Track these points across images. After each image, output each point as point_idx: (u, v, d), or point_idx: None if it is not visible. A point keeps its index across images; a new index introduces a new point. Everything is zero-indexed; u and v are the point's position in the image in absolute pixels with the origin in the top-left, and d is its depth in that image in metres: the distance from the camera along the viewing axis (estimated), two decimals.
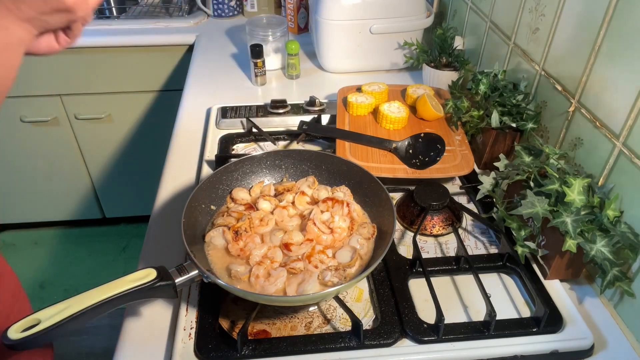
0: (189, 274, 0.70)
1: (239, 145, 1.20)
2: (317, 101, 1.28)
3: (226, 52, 1.69)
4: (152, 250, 0.91)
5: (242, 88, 1.47)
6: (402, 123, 1.14)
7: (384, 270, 0.83)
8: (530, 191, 0.81)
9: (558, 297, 0.80)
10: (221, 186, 0.90)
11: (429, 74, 1.36)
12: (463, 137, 1.11)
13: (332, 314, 0.79)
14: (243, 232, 0.81)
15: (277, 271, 0.76)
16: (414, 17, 1.44)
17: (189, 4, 1.98)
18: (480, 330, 0.75)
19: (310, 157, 0.96)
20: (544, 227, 0.80)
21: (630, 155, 0.76)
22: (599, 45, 0.82)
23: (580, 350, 0.74)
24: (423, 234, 0.94)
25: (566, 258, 0.80)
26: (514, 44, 1.12)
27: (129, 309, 0.79)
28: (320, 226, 0.82)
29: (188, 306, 0.79)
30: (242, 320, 0.77)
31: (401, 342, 0.74)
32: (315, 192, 0.90)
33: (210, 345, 0.72)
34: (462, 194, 1.05)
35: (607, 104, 0.81)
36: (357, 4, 1.40)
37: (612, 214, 0.76)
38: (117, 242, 2.44)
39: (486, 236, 0.95)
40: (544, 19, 0.99)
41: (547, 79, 0.99)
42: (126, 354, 0.74)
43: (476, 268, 0.83)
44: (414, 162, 1.04)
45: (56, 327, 0.59)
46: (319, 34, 1.46)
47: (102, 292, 0.64)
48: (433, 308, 0.75)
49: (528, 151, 0.90)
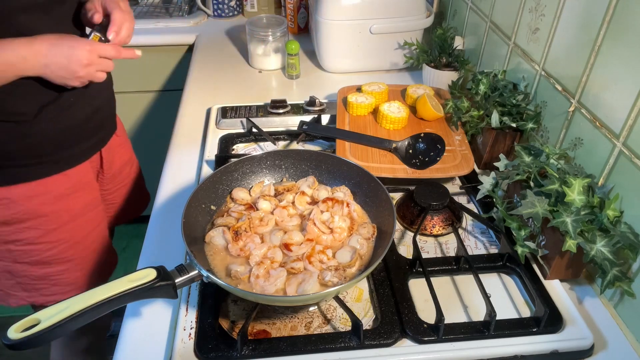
0: (189, 274, 0.70)
1: (239, 145, 1.20)
2: (317, 101, 1.28)
3: (226, 52, 1.69)
4: (152, 250, 0.91)
5: (243, 88, 1.47)
6: (402, 123, 1.14)
7: (384, 270, 0.83)
8: (530, 191, 0.81)
9: (558, 297, 0.80)
10: (221, 186, 0.90)
11: (429, 74, 1.36)
12: (463, 137, 1.11)
13: (332, 314, 0.79)
14: (243, 232, 0.81)
15: (277, 271, 0.76)
16: (414, 17, 1.44)
17: (189, 4, 1.98)
18: (480, 330, 0.75)
19: (310, 157, 0.95)
20: (544, 227, 0.80)
21: (630, 155, 0.76)
22: (599, 45, 0.82)
23: (580, 350, 0.74)
24: (423, 234, 0.94)
25: (566, 258, 0.80)
26: (514, 44, 1.12)
27: (129, 309, 0.79)
28: (320, 226, 0.82)
29: (188, 306, 0.79)
30: (242, 320, 0.77)
31: (401, 342, 0.74)
32: (315, 192, 0.90)
33: (210, 345, 0.72)
34: (462, 194, 1.05)
35: (607, 104, 0.81)
36: (357, 4, 1.40)
37: (612, 214, 0.76)
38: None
39: (486, 236, 0.95)
40: (544, 19, 0.99)
41: (547, 79, 0.99)
42: (126, 354, 0.74)
43: (476, 268, 0.83)
44: (414, 162, 1.04)
45: (56, 327, 0.60)
46: (319, 34, 1.46)
47: (102, 292, 0.64)
48: (433, 308, 0.75)
49: (528, 151, 0.90)
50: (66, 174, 1.02)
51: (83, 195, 1.08)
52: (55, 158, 0.99)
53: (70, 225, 1.06)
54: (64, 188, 1.03)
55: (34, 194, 0.98)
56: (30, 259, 1.04)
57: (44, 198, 1.00)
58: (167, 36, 1.82)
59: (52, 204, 1.01)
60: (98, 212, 1.14)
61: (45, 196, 1.00)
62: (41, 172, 0.98)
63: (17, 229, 1.00)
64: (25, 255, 1.04)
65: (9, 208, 0.97)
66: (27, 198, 0.98)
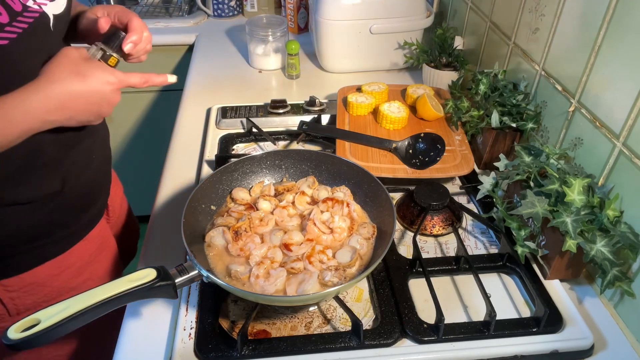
0: (189, 274, 0.70)
1: (239, 145, 1.20)
2: (317, 101, 1.28)
3: (226, 52, 1.69)
4: (152, 250, 0.91)
5: (243, 88, 1.47)
6: (402, 123, 1.14)
7: (384, 270, 0.83)
8: (530, 191, 0.81)
9: (558, 297, 0.80)
10: (221, 186, 0.90)
11: (429, 74, 1.36)
12: (463, 137, 1.11)
13: (332, 314, 0.79)
14: (243, 232, 0.81)
15: (277, 271, 0.76)
16: (414, 17, 1.44)
17: (189, 4, 1.98)
18: (480, 330, 0.75)
19: (310, 157, 0.95)
20: (544, 227, 0.80)
21: (630, 155, 0.76)
22: (599, 45, 0.82)
23: (580, 350, 0.74)
24: (423, 234, 0.94)
25: (566, 258, 0.80)
26: (514, 44, 1.12)
27: (129, 309, 0.79)
28: (320, 226, 0.82)
29: (188, 306, 0.79)
30: (242, 320, 0.77)
31: (401, 342, 0.74)
32: (315, 192, 0.90)
33: (210, 345, 0.72)
34: (462, 194, 1.05)
35: (607, 104, 0.81)
36: (357, 4, 1.40)
37: (612, 214, 0.76)
38: None
39: (486, 236, 0.95)
40: (544, 19, 0.99)
41: (547, 79, 0.99)
42: (126, 354, 0.74)
43: (476, 268, 0.83)
44: (414, 162, 1.04)
45: (56, 327, 0.59)
46: (319, 34, 1.46)
47: (102, 292, 0.64)
48: (433, 308, 0.75)
49: (528, 151, 0.90)
50: (87, 238, 0.92)
51: (106, 252, 0.99)
52: (78, 225, 0.90)
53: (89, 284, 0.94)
54: (89, 254, 0.93)
55: (59, 272, 0.88)
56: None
57: (69, 272, 0.89)
58: (167, 36, 1.82)
59: (78, 276, 0.91)
60: (116, 262, 1.04)
61: (71, 270, 0.90)
62: (66, 244, 0.88)
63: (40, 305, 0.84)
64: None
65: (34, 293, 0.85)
66: (52, 277, 0.87)
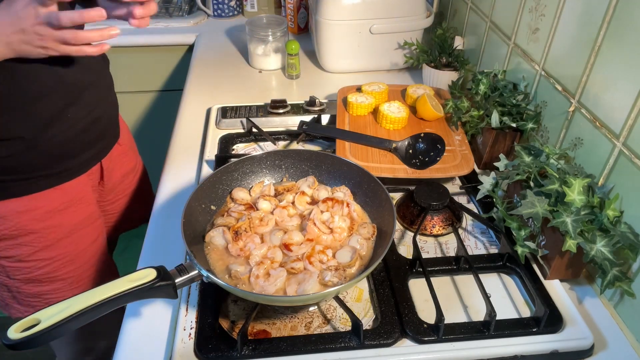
0: (189, 274, 0.70)
1: (239, 145, 1.20)
2: (317, 101, 1.28)
3: (226, 52, 1.69)
4: (152, 250, 0.91)
5: (243, 88, 1.47)
6: (402, 123, 1.14)
7: (384, 270, 0.83)
8: (530, 191, 0.81)
9: (558, 297, 0.80)
10: (221, 186, 0.90)
11: (429, 74, 1.36)
12: (463, 137, 1.11)
13: (332, 314, 0.79)
14: (243, 232, 0.81)
15: (277, 271, 0.76)
16: (414, 17, 1.44)
17: (189, 4, 1.98)
18: (480, 330, 0.75)
19: (310, 157, 0.95)
20: (544, 227, 0.80)
21: (630, 155, 0.76)
22: (599, 45, 0.82)
23: (580, 350, 0.74)
24: (423, 234, 0.94)
25: (566, 258, 0.80)
26: (514, 44, 1.12)
27: (129, 309, 0.79)
28: (320, 226, 0.82)
29: (188, 306, 0.79)
30: (242, 320, 0.77)
31: (401, 342, 0.74)
32: (315, 192, 0.90)
33: (210, 345, 0.72)
34: (462, 194, 1.05)
35: (607, 104, 0.81)
36: (357, 4, 1.40)
37: (612, 214, 0.76)
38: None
39: (486, 236, 0.95)
40: (544, 19, 0.99)
41: (547, 79, 0.99)
42: (126, 354, 0.74)
43: (476, 268, 0.83)
44: (414, 162, 1.04)
45: (56, 327, 0.59)
46: (319, 34, 1.46)
47: (102, 292, 0.64)
48: (433, 308, 0.75)
49: (528, 151, 0.90)
50: (60, 188, 0.98)
51: (78, 210, 1.03)
52: (49, 172, 0.95)
53: (63, 242, 1.02)
54: (58, 203, 0.98)
55: (24, 210, 0.94)
56: (22, 276, 1.01)
57: (33, 214, 0.95)
58: (167, 36, 1.82)
59: (43, 221, 0.97)
60: (95, 226, 1.09)
61: (35, 212, 0.96)
62: (33, 187, 0.94)
63: (8, 245, 0.96)
64: (17, 272, 1.00)
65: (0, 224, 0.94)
66: (17, 214, 0.94)
